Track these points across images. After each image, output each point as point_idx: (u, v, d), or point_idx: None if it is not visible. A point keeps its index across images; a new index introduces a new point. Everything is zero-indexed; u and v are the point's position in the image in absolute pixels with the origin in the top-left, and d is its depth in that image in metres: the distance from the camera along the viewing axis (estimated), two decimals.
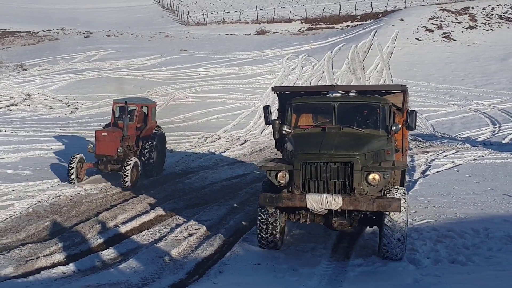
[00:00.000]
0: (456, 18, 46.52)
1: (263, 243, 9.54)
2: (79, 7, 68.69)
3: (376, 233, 9.99)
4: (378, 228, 9.32)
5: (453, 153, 19.44)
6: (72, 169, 14.66)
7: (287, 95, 10.89)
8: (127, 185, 14.52)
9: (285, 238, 10.11)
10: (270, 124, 10.59)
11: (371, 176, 8.67)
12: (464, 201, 12.81)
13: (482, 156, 18.75)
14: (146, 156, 15.79)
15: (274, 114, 11.48)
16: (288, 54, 40.57)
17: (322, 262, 9.18)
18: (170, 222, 11.90)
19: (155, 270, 9.03)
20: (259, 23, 57.80)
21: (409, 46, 40.39)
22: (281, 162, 9.39)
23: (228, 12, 64.38)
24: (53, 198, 13.39)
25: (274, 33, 52.28)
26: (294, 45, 43.94)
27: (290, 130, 9.89)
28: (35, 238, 10.74)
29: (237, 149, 21.38)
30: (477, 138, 22.41)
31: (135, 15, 65.93)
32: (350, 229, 9.91)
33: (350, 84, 31.67)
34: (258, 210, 9.40)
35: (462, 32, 43.90)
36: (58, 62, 37.00)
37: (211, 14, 63.82)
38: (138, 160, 15.24)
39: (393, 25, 44.51)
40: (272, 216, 9.30)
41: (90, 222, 11.65)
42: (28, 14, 61.65)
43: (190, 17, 62.45)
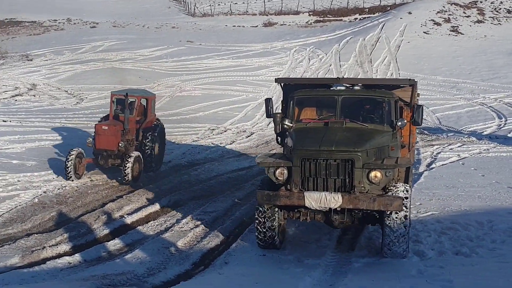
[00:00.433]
0: (464, 12, 46.22)
1: (262, 244, 9.21)
2: None
3: None
4: (380, 226, 9.02)
5: (458, 146, 19.40)
6: (69, 166, 13.95)
7: (292, 87, 10.47)
8: (128, 180, 14.05)
9: (286, 235, 9.78)
10: (271, 117, 10.17)
11: (373, 173, 8.40)
12: (468, 193, 12.79)
13: (488, 149, 18.69)
14: (147, 150, 15.18)
15: (280, 107, 11.26)
16: (295, 46, 40.41)
17: (327, 253, 9.21)
18: (176, 213, 11.94)
19: (161, 261, 9.08)
20: (267, 15, 57.60)
21: (416, 39, 40.17)
22: (281, 158, 9.05)
23: (235, 3, 64.05)
24: (58, 189, 13.44)
25: (281, 25, 52.09)
26: (302, 37, 43.78)
27: (291, 124, 9.55)
28: (41, 229, 10.81)
29: (243, 141, 21.37)
30: (483, 132, 22.33)
31: (142, 6, 65.85)
32: (352, 226, 9.67)
33: (357, 77, 31.54)
34: (256, 209, 9.05)
35: (470, 26, 43.62)
36: (64, 52, 37.00)
37: (218, 5, 63.58)
38: (139, 154, 14.71)
39: (401, 18, 44.28)
40: (270, 215, 8.93)
41: (96, 213, 11.71)
42: (33, 4, 61.62)
43: (197, 8, 62.34)
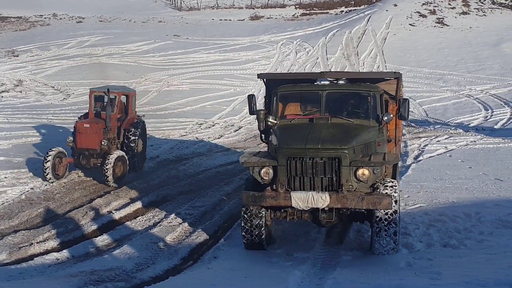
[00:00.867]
0: (449, 4, 46.36)
1: (248, 245, 8.96)
2: None
3: None
4: (369, 223, 8.82)
5: (445, 138, 19.50)
6: (47, 167, 13.28)
7: (275, 83, 10.15)
8: (110, 182, 13.39)
9: (273, 234, 9.59)
10: (255, 114, 9.94)
11: (360, 171, 8.20)
12: (456, 185, 12.86)
13: (475, 141, 18.81)
14: (131, 149, 14.61)
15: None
16: (282, 40, 40.37)
17: (315, 247, 9.23)
18: (164, 208, 11.92)
19: (150, 256, 9.06)
20: (253, 8, 57.38)
21: (402, 31, 40.29)
22: (266, 157, 8.80)
23: None
24: (45, 185, 13.35)
25: (268, 18, 51.94)
26: (288, 30, 43.73)
27: (275, 121, 9.28)
28: (28, 225, 10.75)
29: (231, 135, 21.36)
30: (469, 124, 22.47)
31: (128, 0, 65.31)
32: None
33: (343, 70, 31.55)
34: (242, 210, 8.79)
35: (455, 17, 43.80)
36: (50, 48, 36.65)
37: None
38: (123, 153, 14.15)
39: (387, 10, 44.35)
40: (256, 216, 8.69)
41: (84, 209, 11.66)
42: None
43: (183, 2, 61.96)
